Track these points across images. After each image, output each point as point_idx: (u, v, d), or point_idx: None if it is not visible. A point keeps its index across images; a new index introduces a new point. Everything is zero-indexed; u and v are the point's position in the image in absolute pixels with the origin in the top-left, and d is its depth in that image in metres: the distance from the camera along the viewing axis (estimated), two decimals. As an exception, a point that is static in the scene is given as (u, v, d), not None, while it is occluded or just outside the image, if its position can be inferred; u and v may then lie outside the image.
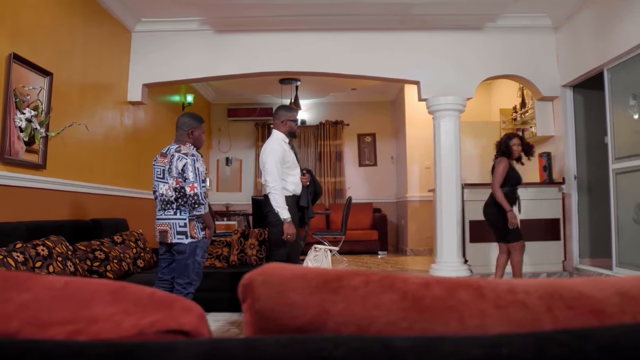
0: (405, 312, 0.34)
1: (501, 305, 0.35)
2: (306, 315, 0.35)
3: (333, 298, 0.35)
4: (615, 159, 3.92)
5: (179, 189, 2.61)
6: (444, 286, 0.36)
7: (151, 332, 0.34)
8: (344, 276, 0.38)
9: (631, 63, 3.68)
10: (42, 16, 3.21)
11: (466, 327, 0.34)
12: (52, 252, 2.73)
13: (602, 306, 0.34)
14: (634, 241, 3.70)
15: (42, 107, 3.19)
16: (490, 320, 0.34)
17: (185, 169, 2.56)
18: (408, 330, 0.34)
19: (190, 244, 2.56)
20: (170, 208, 2.63)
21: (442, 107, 4.46)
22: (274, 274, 0.39)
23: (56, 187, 3.35)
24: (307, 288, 0.37)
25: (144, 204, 4.82)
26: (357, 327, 0.34)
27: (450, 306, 0.35)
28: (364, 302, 0.35)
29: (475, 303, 0.35)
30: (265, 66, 4.61)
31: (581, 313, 0.34)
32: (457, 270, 4.35)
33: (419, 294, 0.36)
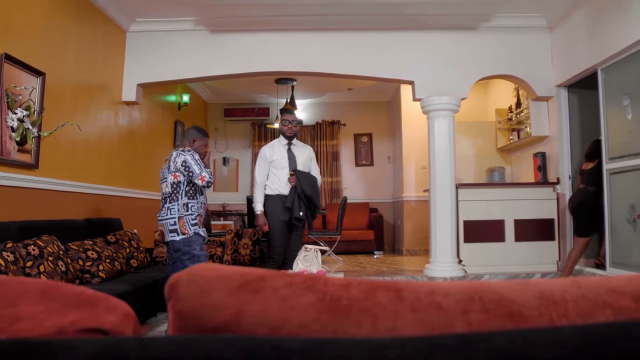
0: (319, 313, 0.35)
1: (417, 307, 0.35)
2: (223, 316, 0.36)
3: (252, 299, 0.36)
4: (609, 159, 3.92)
5: (175, 183, 2.74)
6: (364, 288, 0.36)
7: (70, 330, 0.34)
8: (267, 277, 0.38)
9: (624, 63, 3.68)
10: (34, 16, 3.21)
11: (378, 329, 0.34)
12: (43, 251, 2.73)
13: (520, 309, 0.34)
14: (627, 241, 3.70)
15: (34, 107, 3.20)
16: (403, 322, 0.34)
17: (186, 164, 2.70)
18: (318, 331, 0.34)
19: (183, 240, 2.67)
20: (165, 205, 2.77)
21: (437, 107, 4.47)
22: (200, 274, 0.39)
23: (49, 187, 3.35)
24: (229, 288, 0.37)
25: (138, 204, 4.83)
26: (270, 328, 0.34)
27: (366, 308, 0.35)
28: (282, 304, 0.35)
29: (391, 305, 0.35)
30: (260, 66, 4.61)
31: (497, 316, 0.34)
32: (451, 270, 4.35)
33: (336, 295, 0.36)
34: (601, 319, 0.34)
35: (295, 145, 3.62)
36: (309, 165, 3.60)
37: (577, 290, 0.36)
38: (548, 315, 0.34)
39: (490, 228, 4.59)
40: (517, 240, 4.61)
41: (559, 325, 0.33)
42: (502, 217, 4.61)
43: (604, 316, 0.34)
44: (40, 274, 2.64)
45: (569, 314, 0.34)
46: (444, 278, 4.37)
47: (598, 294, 0.36)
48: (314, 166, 3.67)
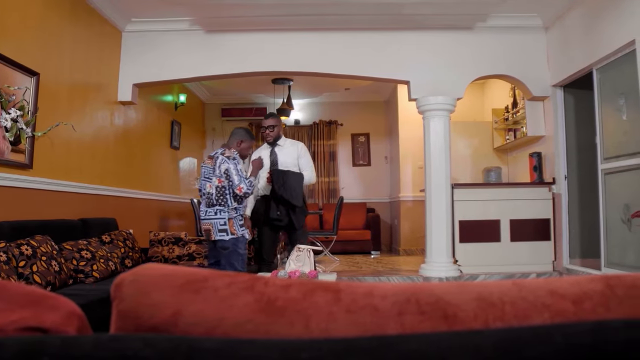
0: (255, 314, 0.35)
1: (352, 309, 0.35)
2: (161, 315, 0.36)
3: (192, 298, 0.36)
4: (604, 159, 3.92)
5: (220, 187, 2.92)
6: (303, 289, 0.36)
7: (11, 329, 0.34)
8: (210, 277, 0.38)
9: (619, 63, 3.68)
10: (28, 16, 3.21)
11: (311, 330, 0.34)
12: (36, 251, 2.73)
13: (456, 311, 0.34)
14: (622, 241, 3.70)
15: (28, 107, 3.20)
16: (337, 324, 0.34)
17: (228, 172, 2.89)
18: (252, 332, 0.34)
19: (232, 239, 2.87)
20: (213, 206, 2.94)
21: (432, 107, 4.46)
22: (144, 273, 0.39)
23: (43, 187, 3.35)
24: (171, 288, 0.37)
25: (134, 204, 4.83)
26: (206, 328, 0.34)
27: (301, 309, 0.35)
28: (220, 304, 0.35)
29: (327, 307, 0.35)
30: (256, 66, 4.61)
31: (431, 318, 0.34)
32: (446, 270, 4.35)
33: (274, 296, 0.36)
34: (537, 322, 0.34)
35: (281, 145, 3.64)
36: (296, 163, 3.59)
37: (517, 293, 0.36)
38: (483, 318, 0.34)
39: (486, 228, 4.59)
40: (513, 240, 4.61)
41: (493, 327, 0.33)
42: (497, 217, 4.61)
43: (541, 319, 0.34)
44: (34, 273, 2.64)
45: (505, 316, 0.34)
46: (440, 278, 4.37)
47: (538, 296, 0.35)
48: (303, 162, 3.63)
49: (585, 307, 0.34)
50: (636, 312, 0.34)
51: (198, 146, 7.35)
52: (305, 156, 3.68)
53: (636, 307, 0.34)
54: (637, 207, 3.33)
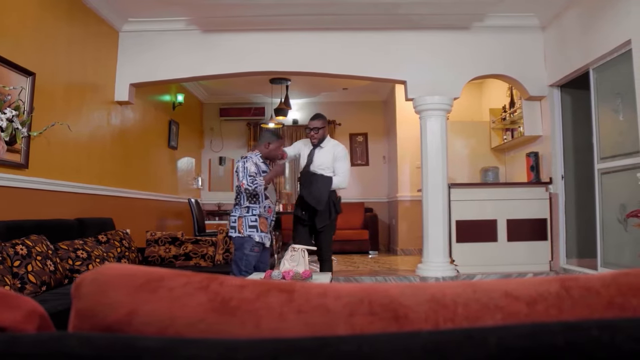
0: (207, 313, 0.35)
1: (304, 309, 0.35)
2: (116, 315, 0.36)
3: (148, 298, 0.36)
4: (601, 159, 3.92)
5: (237, 186, 3.08)
6: (257, 289, 0.36)
7: (-33, 327, 0.34)
8: (167, 276, 0.38)
9: (616, 63, 3.68)
10: (24, 16, 3.21)
11: (261, 330, 0.34)
12: (31, 251, 2.74)
13: (407, 312, 0.34)
14: (618, 241, 3.70)
15: (24, 107, 3.20)
16: (287, 324, 0.34)
17: (237, 169, 3.05)
18: (203, 332, 0.34)
19: (237, 238, 2.94)
20: (235, 206, 3.09)
21: (429, 107, 4.46)
22: (104, 272, 0.40)
23: (39, 187, 3.35)
24: (129, 287, 0.37)
25: (131, 204, 4.84)
26: (158, 328, 0.34)
27: (253, 309, 0.35)
28: (174, 303, 0.36)
29: (279, 307, 0.35)
30: (253, 66, 4.61)
31: (382, 319, 0.34)
32: (443, 270, 4.35)
33: (228, 296, 0.36)
34: (489, 323, 0.34)
35: (322, 147, 3.60)
36: (331, 165, 3.59)
37: (471, 294, 0.36)
38: (434, 319, 0.34)
39: (483, 228, 4.59)
40: (510, 240, 4.61)
41: (443, 328, 0.33)
42: (494, 217, 4.62)
43: (493, 320, 0.34)
44: (28, 273, 2.65)
45: (456, 318, 0.34)
46: (436, 278, 4.37)
47: (492, 298, 0.35)
48: (338, 166, 3.60)
49: (539, 308, 0.34)
50: (590, 313, 0.34)
51: (196, 146, 7.35)
52: (341, 160, 3.61)
53: (590, 308, 0.34)
54: (633, 207, 3.33)
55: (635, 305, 0.35)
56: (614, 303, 0.35)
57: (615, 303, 0.35)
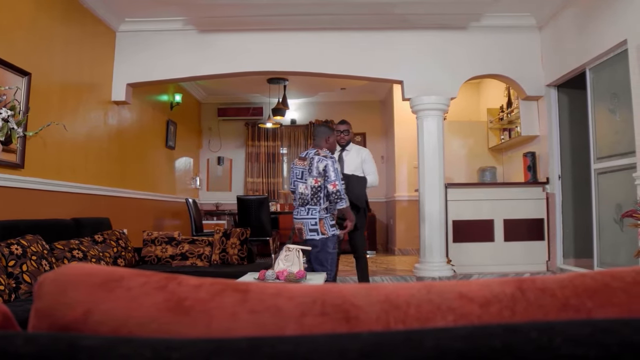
0: (161, 313, 0.35)
1: (256, 310, 0.35)
2: (73, 314, 0.36)
3: (105, 297, 0.36)
4: (597, 158, 3.92)
5: (315, 187, 2.97)
6: (213, 289, 0.37)
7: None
8: (126, 276, 0.38)
9: (612, 63, 3.68)
10: (19, 16, 3.21)
11: (212, 330, 0.34)
12: (26, 251, 2.74)
13: (359, 313, 0.34)
14: (614, 241, 3.70)
15: (19, 107, 3.20)
16: (239, 324, 0.34)
17: (326, 169, 2.95)
18: (156, 331, 0.34)
19: (322, 239, 2.94)
20: (305, 205, 3.00)
21: (426, 107, 4.46)
22: (65, 272, 0.40)
23: (35, 187, 3.36)
24: (88, 287, 0.37)
25: (129, 204, 4.84)
26: (112, 327, 0.34)
27: (207, 309, 0.35)
28: (129, 303, 0.36)
29: (232, 307, 0.35)
30: (249, 66, 4.61)
31: (333, 320, 0.34)
32: (440, 270, 4.35)
33: (184, 296, 0.36)
34: (440, 324, 0.34)
35: (349, 150, 3.81)
36: (360, 168, 3.77)
37: (425, 295, 0.36)
38: (385, 320, 0.34)
39: (480, 228, 4.59)
40: (507, 240, 4.61)
41: (394, 329, 0.33)
42: (491, 217, 4.62)
43: (444, 321, 0.34)
44: (23, 273, 2.65)
45: (407, 319, 0.34)
46: (433, 278, 4.37)
47: (446, 299, 0.36)
48: (367, 167, 3.82)
49: (492, 310, 0.34)
50: (544, 315, 0.34)
51: (194, 146, 7.35)
52: (369, 162, 3.85)
53: (544, 310, 0.34)
54: (628, 207, 3.33)
55: (590, 307, 0.35)
56: (568, 305, 0.35)
57: (570, 305, 0.35)
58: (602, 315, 0.34)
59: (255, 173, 7.53)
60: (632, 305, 0.35)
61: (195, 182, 7.22)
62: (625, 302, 0.35)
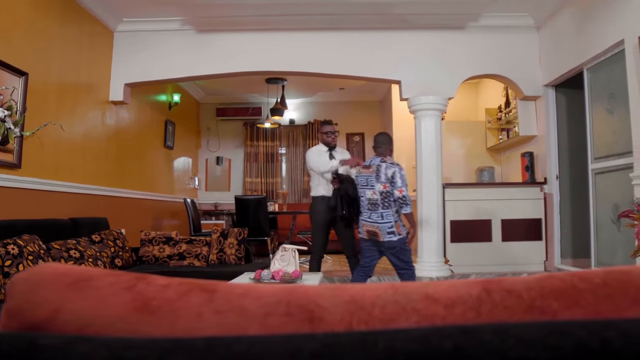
0: (128, 313, 0.35)
1: (222, 310, 0.35)
2: (42, 313, 0.36)
3: (74, 297, 0.36)
4: (594, 159, 3.92)
5: (384, 192, 3.14)
6: (180, 289, 0.37)
7: None
8: (97, 276, 0.38)
9: (609, 62, 3.68)
10: (17, 16, 3.22)
11: (177, 330, 0.34)
12: (22, 251, 2.74)
13: (323, 314, 0.34)
14: (612, 241, 3.70)
15: (16, 106, 3.20)
16: (204, 324, 0.35)
17: (394, 176, 3.14)
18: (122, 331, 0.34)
19: (399, 239, 3.13)
20: (377, 210, 3.15)
21: (423, 107, 4.46)
22: (36, 272, 0.40)
23: (32, 187, 3.36)
24: (58, 286, 0.37)
25: (127, 204, 4.84)
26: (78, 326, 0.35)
27: (173, 309, 0.36)
28: (98, 302, 0.36)
29: (198, 307, 0.36)
30: (247, 66, 4.61)
31: (297, 320, 0.34)
32: (437, 270, 4.35)
33: (151, 296, 0.36)
34: (403, 325, 0.34)
35: (336, 151, 3.90)
36: (347, 169, 3.90)
37: (391, 296, 0.36)
38: (348, 321, 0.34)
39: (477, 228, 4.59)
40: (504, 240, 4.61)
41: (357, 330, 0.34)
42: (489, 217, 4.61)
43: (407, 323, 0.34)
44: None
45: (370, 320, 0.34)
46: (431, 278, 4.37)
47: (411, 300, 0.36)
48: None
49: (456, 311, 0.35)
50: (509, 316, 0.34)
51: (193, 146, 7.35)
52: None
53: (509, 311, 0.34)
54: (625, 207, 3.33)
55: (555, 308, 0.35)
56: (534, 306, 0.35)
57: (535, 306, 0.35)
58: (568, 317, 0.34)
59: (254, 173, 7.53)
60: (599, 306, 0.35)
61: (194, 182, 7.22)
62: (592, 303, 0.35)
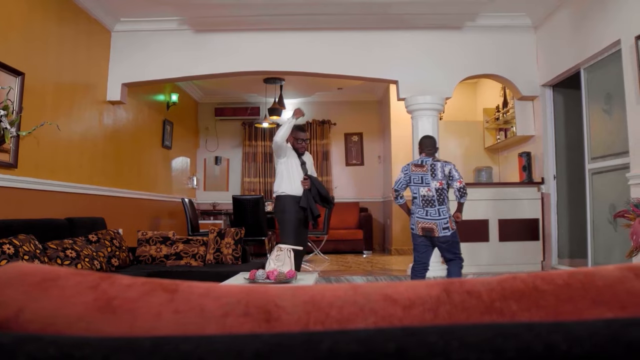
0: (90, 312, 0.35)
1: (181, 310, 0.35)
2: (6, 312, 0.36)
3: (38, 296, 0.37)
4: (591, 159, 3.92)
5: (440, 189, 3.38)
6: (142, 288, 0.37)
7: None
8: (63, 276, 0.39)
9: (606, 62, 3.68)
10: (13, 16, 3.22)
11: (136, 329, 0.35)
12: (18, 250, 2.74)
13: (280, 314, 0.34)
14: (608, 242, 3.70)
15: (12, 106, 3.21)
16: (162, 323, 0.35)
17: (451, 171, 3.42)
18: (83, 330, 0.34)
19: (452, 233, 3.42)
20: (433, 207, 3.38)
21: (420, 107, 4.46)
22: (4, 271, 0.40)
23: (29, 186, 3.36)
24: (24, 286, 0.38)
25: (124, 203, 4.84)
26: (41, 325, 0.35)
27: (133, 308, 0.36)
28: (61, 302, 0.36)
29: (157, 307, 0.36)
30: (245, 66, 4.62)
31: (254, 320, 0.34)
32: (434, 271, 4.34)
33: (114, 295, 0.36)
34: (360, 326, 0.34)
35: (305, 155, 4.05)
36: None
37: (351, 297, 0.36)
38: (305, 321, 0.34)
39: (475, 228, 4.59)
40: (502, 240, 4.61)
41: (313, 330, 0.34)
42: (486, 217, 4.61)
43: (364, 323, 0.34)
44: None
45: (327, 320, 0.34)
46: (427, 278, 4.37)
47: (370, 300, 0.36)
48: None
49: (414, 312, 0.35)
50: (467, 318, 0.34)
51: (191, 145, 7.35)
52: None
53: (467, 313, 0.35)
54: (622, 207, 3.33)
55: (514, 309, 0.35)
56: (493, 308, 0.35)
57: (494, 308, 0.35)
58: (527, 318, 0.34)
59: (252, 173, 7.54)
60: (559, 308, 0.35)
61: (193, 181, 7.22)
62: (553, 305, 0.35)
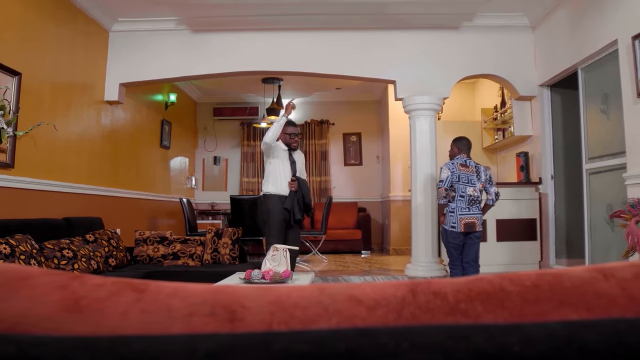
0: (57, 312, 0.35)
1: (147, 309, 0.36)
2: None
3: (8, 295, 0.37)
4: (589, 159, 3.92)
5: (480, 190, 3.59)
6: (112, 288, 0.37)
7: None
8: (35, 275, 0.39)
9: (603, 62, 3.68)
10: (10, 16, 3.22)
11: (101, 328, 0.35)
12: (15, 250, 2.74)
13: (245, 314, 0.35)
14: (606, 242, 3.70)
15: (9, 106, 3.21)
16: (128, 322, 0.35)
17: (491, 177, 3.65)
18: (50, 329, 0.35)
19: (481, 231, 3.60)
20: (476, 205, 3.55)
21: (418, 107, 4.46)
22: None
23: (26, 186, 3.37)
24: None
25: (122, 203, 4.84)
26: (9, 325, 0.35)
27: (101, 308, 0.36)
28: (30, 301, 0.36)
29: (124, 306, 0.36)
30: (243, 66, 4.62)
31: (218, 320, 0.35)
32: (431, 270, 4.36)
33: (83, 294, 0.37)
34: (323, 327, 0.34)
35: (295, 151, 3.87)
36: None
37: (316, 297, 0.36)
38: (269, 321, 0.34)
39: (472, 228, 4.58)
40: (499, 240, 4.60)
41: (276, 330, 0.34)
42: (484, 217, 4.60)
43: (327, 324, 0.34)
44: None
45: (291, 320, 0.35)
46: (425, 277, 4.37)
47: (335, 301, 0.36)
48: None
49: (378, 313, 0.35)
50: (430, 319, 0.34)
51: (190, 145, 7.36)
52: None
53: (432, 314, 0.35)
54: (618, 207, 3.33)
55: (480, 311, 0.35)
56: (457, 309, 0.35)
57: (459, 309, 0.35)
58: (491, 320, 0.34)
59: (251, 173, 7.54)
60: (524, 309, 0.35)
61: (191, 181, 7.22)
62: (518, 306, 0.35)
